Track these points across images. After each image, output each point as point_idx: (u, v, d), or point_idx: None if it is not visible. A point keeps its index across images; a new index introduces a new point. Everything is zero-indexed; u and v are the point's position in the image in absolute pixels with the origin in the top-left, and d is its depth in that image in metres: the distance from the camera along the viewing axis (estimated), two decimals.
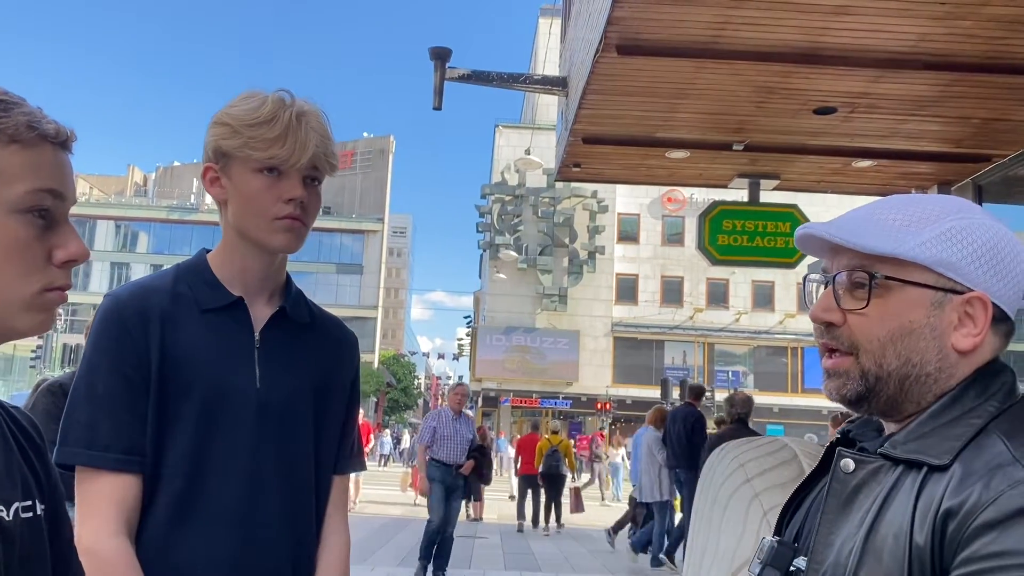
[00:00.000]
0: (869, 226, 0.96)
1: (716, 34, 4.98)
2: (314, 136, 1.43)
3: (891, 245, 0.93)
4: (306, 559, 1.51)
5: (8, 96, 0.83)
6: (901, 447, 0.90)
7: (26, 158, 0.82)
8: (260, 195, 1.43)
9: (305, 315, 1.59)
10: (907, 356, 0.93)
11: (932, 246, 0.93)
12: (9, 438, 0.88)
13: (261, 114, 1.41)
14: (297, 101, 1.46)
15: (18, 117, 0.81)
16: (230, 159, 1.44)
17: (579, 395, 37.72)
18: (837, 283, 0.97)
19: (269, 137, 1.40)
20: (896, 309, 0.94)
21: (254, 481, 1.43)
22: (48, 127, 0.84)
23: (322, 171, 1.48)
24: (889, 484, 0.89)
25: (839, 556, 0.89)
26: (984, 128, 6.13)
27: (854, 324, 0.96)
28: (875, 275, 0.94)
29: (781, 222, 7.80)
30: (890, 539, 0.85)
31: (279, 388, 1.48)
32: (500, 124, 41.53)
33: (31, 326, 0.83)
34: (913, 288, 0.94)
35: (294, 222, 1.44)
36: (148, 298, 1.44)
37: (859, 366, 0.96)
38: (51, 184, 0.83)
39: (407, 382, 65.74)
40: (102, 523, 1.31)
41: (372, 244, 61.99)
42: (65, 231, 0.85)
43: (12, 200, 0.81)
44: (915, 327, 0.93)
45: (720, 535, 2.42)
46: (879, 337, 0.94)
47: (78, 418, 1.37)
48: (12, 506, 0.83)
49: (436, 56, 7.06)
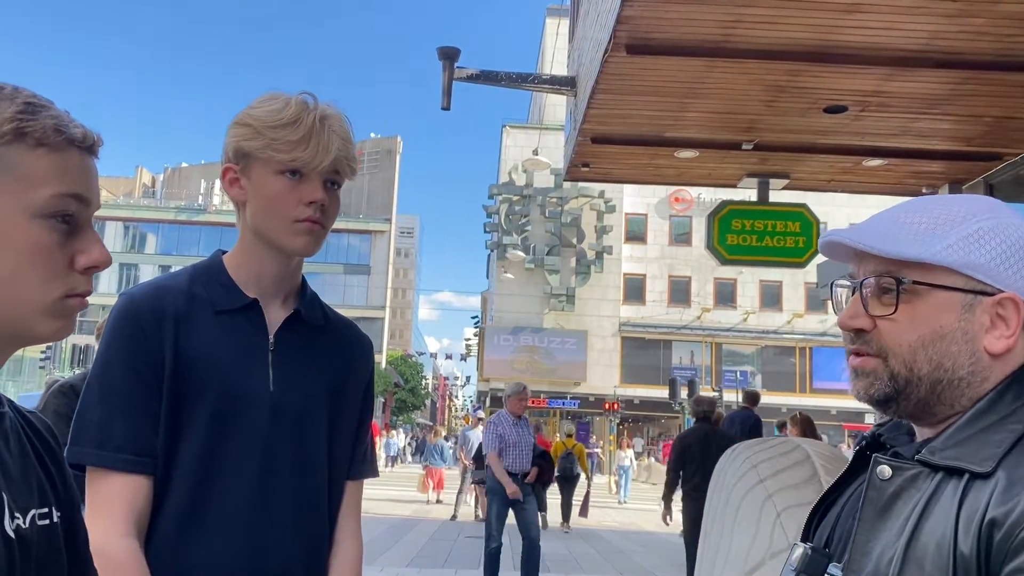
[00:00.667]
0: (894, 231, 0.95)
1: (727, 33, 4.96)
2: (336, 140, 1.43)
3: (917, 250, 0.92)
4: (319, 565, 1.49)
5: (36, 99, 0.82)
6: (940, 454, 0.89)
7: (52, 162, 0.81)
8: (281, 197, 1.42)
9: (320, 318, 1.57)
10: (939, 361, 0.92)
11: (959, 249, 0.92)
12: (25, 443, 0.87)
13: (284, 116, 1.40)
14: (320, 104, 1.45)
15: (45, 120, 0.80)
16: (251, 160, 1.43)
17: (587, 395, 37.64)
18: (865, 289, 0.96)
19: (292, 139, 1.39)
20: (926, 314, 0.93)
21: (267, 485, 1.42)
22: (75, 131, 0.83)
23: (342, 175, 1.47)
24: (929, 491, 0.87)
25: (878, 565, 0.87)
26: (996, 126, 6.10)
27: (884, 329, 0.95)
28: (903, 280, 0.93)
29: (791, 221, 7.77)
30: (932, 548, 0.83)
31: (293, 391, 1.47)
32: (507, 124, 41.48)
33: (51, 332, 0.82)
34: (942, 292, 0.92)
35: (314, 225, 1.43)
36: (163, 298, 1.43)
37: (888, 368, 0.94)
38: (77, 189, 0.82)
39: (415, 382, 65.81)
40: (112, 524, 1.30)
41: (379, 244, 62.04)
42: (88, 236, 0.84)
43: (37, 204, 0.80)
44: (946, 331, 0.92)
45: (733, 536, 2.40)
46: (910, 342, 0.93)
47: (90, 418, 1.36)
48: (29, 513, 0.82)
49: (445, 56, 7.05)
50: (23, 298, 0.80)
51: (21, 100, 0.80)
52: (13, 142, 0.79)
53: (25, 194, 0.79)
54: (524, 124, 43.03)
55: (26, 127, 0.79)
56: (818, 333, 38.44)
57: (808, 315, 38.44)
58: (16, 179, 0.79)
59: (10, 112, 0.79)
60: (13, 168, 0.79)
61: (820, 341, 38.43)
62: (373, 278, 60.71)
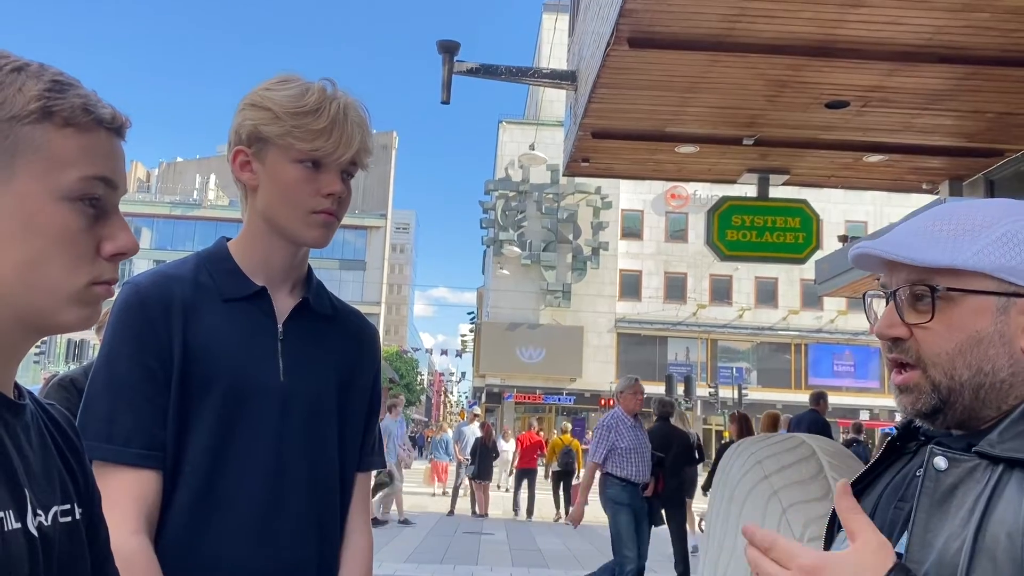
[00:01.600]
0: (921, 239, 0.96)
1: (730, 26, 4.94)
2: (358, 131, 1.40)
3: (948, 256, 0.93)
4: (330, 558, 1.47)
5: (63, 77, 0.78)
6: (999, 446, 0.88)
7: (80, 143, 0.77)
8: (298, 187, 1.38)
9: (327, 307, 1.54)
10: (978, 366, 0.92)
11: (989, 252, 0.92)
12: (47, 437, 0.84)
13: (307, 103, 1.36)
14: (339, 92, 1.41)
15: (73, 99, 0.77)
16: (267, 145, 1.39)
17: (583, 391, 37.65)
18: (898, 298, 0.97)
19: (315, 128, 1.36)
20: (961, 320, 0.93)
21: (278, 477, 1.39)
22: (104, 112, 0.79)
23: (359, 166, 1.44)
24: (991, 483, 0.87)
25: (943, 556, 0.87)
26: (998, 122, 6.09)
27: (921, 338, 0.96)
28: (936, 288, 0.94)
29: (791, 217, 7.75)
30: (1004, 539, 0.83)
31: (304, 382, 1.44)
32: (504, 120, 41.41)
33: (75, 320, 0.79)
34: (976, 297, 0.93)
35: (329, 217, 1.41)
36: (170, 287, 1.39)
37: (929, 379, 0.95)
38: (104, 172, 0.79)
39: (410, 378, 65.77)
40: (121, 520, 1.26)
41: (375, 240, 61.95)
42: (115, 222, 0.81)
43: (64, 187, 0.76)
44: (983, 336, 0.92)
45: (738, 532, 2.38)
46: (947, 350, 0.94)
47: (97, 411, 1.32)
48: (51, 510, 0.78)
49: (444, 49, 7.01)
50: (48, 284, 0.76)
51: (48, 78, 0.77)
52: (40, 121, 0.75)
53: (51, 176, 0.76)
54: (521, 120, 43.00)
55: (53, 106, 0.76)
56: (813, 330, 38.52)
57: (804, 312, 38.50)
58: (42, 160, 0.76)
59: (37, 90, 0.75)
60: (39, 148, 0.75)
61: (815, 338, 38.51)
62: (368, 274, 60.65)
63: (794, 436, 2.56)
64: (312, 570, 1.42)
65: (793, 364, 38.80)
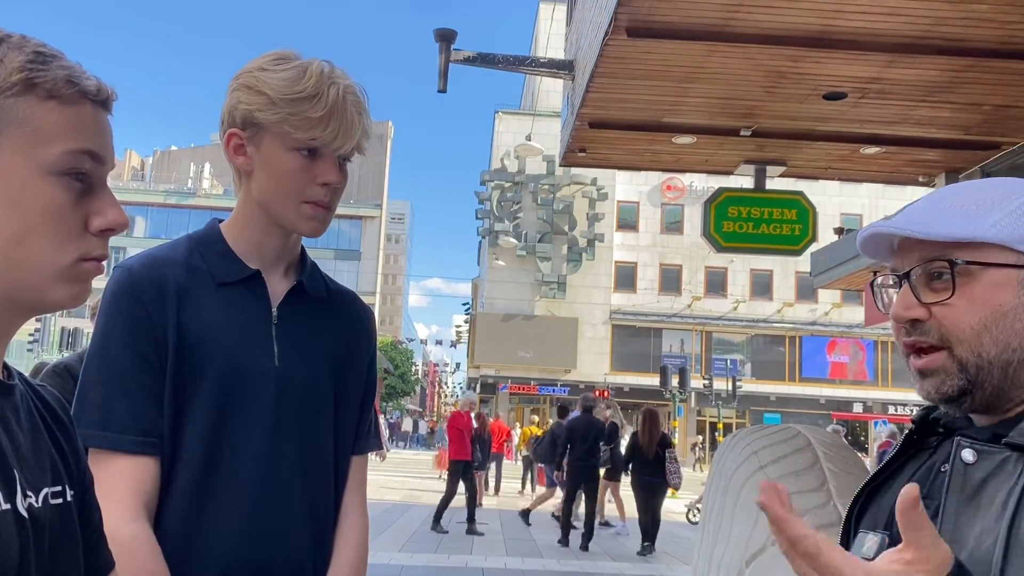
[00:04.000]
0: (935, 216, 0.93)
1: (729, 16, 4.92)
2: (358, 118, 1.36)
3: (967, 230, 0.90)
4: (325, 541, 1.46)
5: (45, 48, 0.76)
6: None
7: (64, 116, 0.75)
8: (293, 175, 1.35)
9: (322, 289, 1.52)
10: (1006, 341, 0.89)
11: (1007, 224, 0.90)
12: (37, 419, 0.82)
13: (304, 89, 1.32)
14: (337, 74, 1.37)
15: (57, 71, 0.75)
16: (262, 130, 1.36)
17: (577, 382, 37.68)
18: (913, 278, 0.94)
19: (313, 116, 1.32)
20: (983, 294, 0.90)
21: (274, 462, 1.38)
22: (89, 84, 0.77)
23: (358, 151, 1.42)
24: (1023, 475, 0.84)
25: (975, 551, 0.84)
26: (995, 115, 6.08)
27: (942, 316, 0.92)
28: (956, 262, 0.90)
29: (787, 209, 7.74)
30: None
31: (299, 365, 1.42)
32: (500, 110, 41.29)
33: (65, 298, 0.77)
34: (996, 270, 0.90)
35: (323, 208, 1.38)
36: (163, 270, 1.37)
37: (956, 359, 0.91)
38: (90, 145, 0.77)
39: (404, 369, 65.79)
40: (120, 508, 1.25)
41: (370, 230, 61.84)
42: (103, 197, 0.79)
43: (48, 161, 0.75)
44: (1007, 309, 0.89)
45: (733, 522, 2.38)
46: (971, 325, 0.90)
47: (92, 398, 1.30)
48: (41, 492, 0.77)
49: (441, 38, 6.97)
50: (35, 262, 0.74)
51: (30, 49, 0.75)
52: (22, 94, 0.73)
53: (36, 150, 0.74)
54: (517, 110, 42.91)
55: (36, 78, 0.74)
56: (808, 322, 38.60)
57: (798, 304, 38.58)
58: (26, 134, 0.74)
59: (19, 61, 0.73)
60: (22, 122, 0.73)
61: (810, 330, 38.60)
62: (363, 264, 60.58)
63: (790, 427, 2.55)
64: (307, 554, 1.41)
65: (787, 356, 38.90)
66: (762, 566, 2.11)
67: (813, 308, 38.40)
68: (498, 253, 38.56)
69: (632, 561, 9.74)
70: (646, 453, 10.39)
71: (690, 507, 13.87)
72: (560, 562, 9.18)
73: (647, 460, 10.38)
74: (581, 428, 10.61)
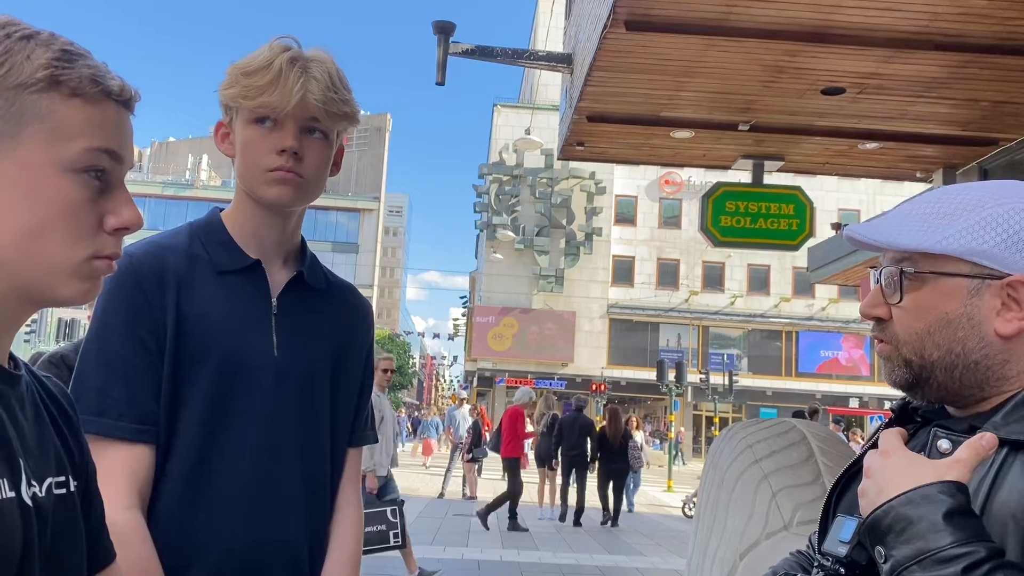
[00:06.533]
0: (905, 222, 0.98)
1: (727, 10, 4.91)
2: (312, 83, 1.34)
3: (916, 241, 0.95)
4: (321, 532, 1.47)
5: (72, 47, 0.77)
6: (1004, 429, 0.89)
7: (87, 114, 0.76)
8: (253, 146, 1.36)
9: (321, 280, 1.53)
10: (948, 346, 0.94)
11: (961, 237, 0.93)
12: (42, 410, 0.83)
13: (256, 62, 1.34)
14: (299, 49, 1.38)
15: (82, 70, 0.76)
16: (233, 112, 1.39)
17: (574, 376, 37.70)
18: (883, 278, 1.00)
19: (260, 84, 1.33)
20: (930, 301, 0.96)
21: (271, 453, 1.38)
22: (112, 83, 0.79)
23: (324, 121, 1.38)
24: (996, 465, 0.88)
25: None
26: (992, 111, 6.09)
27: (896, 318, 0.99)
28: (906, 271, 0.96)
29: (785, 204, 7.75)
30: (1009, 520, 0.83)
31: (298, 356, 1.43)
32: (499, 104, 41.24)
33: (75, 294, 0.78)
34: (946, 279, 0.94)
35: (287, 174, 1.36)
36: (164, 257, 1.37)
37: (901, 356, 0.99)
38: (110, 144, 0.78)
39: (402, 361, 65.77)
40: (114, 495, 1.24)
41: (368, 223, 61.78)
42: (119, 196, 0.80)
43: (69, 158, 0.76)
44: (952, 317, 0.94)
45: (728, 515, 2.39)
46: (917, 330, 0.97)
47: (89, 384, 1.30)
48: (45, 482, 0.78)
49: (440, 30, 6.96)
50: (49, 256, 0.76)
51: (57, 47, 0.76)
52: (47, 90, 0.75)
53: (57, 146, 0.75)
54: (515, 104, 42.81)
55: (61, 75, 0.75)
56: (805, 317, 38.64)
57: (795, 299, 38.61)
58: (48, 130, 0.75)
59: (45, 58, 0.75)
60: (45, 117, 0.75)
61: (806, 325, 38.64)
62: (361, 256, 60.53)
63: (785, 421, 2.56)
64: (303, 545, 1.42)
65: (784, 351, 38.95)
66: (756, 559, 2.12)
67: (810, 303, 38.43)
68: (496, 247, 38.53)
69: (627, 554, 9.77)
70: (612, 444, 12.50)
71: (686, 501, 13.95)
72: (556, 555, 9.21)
73: (613, 450, 12.47)
74: (569, 423, 12.30)
